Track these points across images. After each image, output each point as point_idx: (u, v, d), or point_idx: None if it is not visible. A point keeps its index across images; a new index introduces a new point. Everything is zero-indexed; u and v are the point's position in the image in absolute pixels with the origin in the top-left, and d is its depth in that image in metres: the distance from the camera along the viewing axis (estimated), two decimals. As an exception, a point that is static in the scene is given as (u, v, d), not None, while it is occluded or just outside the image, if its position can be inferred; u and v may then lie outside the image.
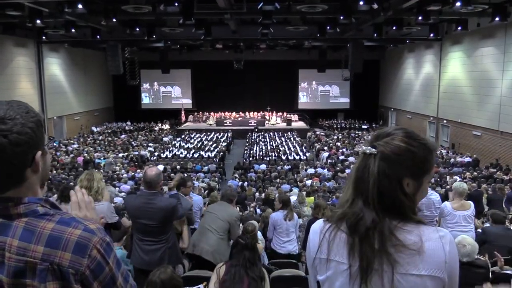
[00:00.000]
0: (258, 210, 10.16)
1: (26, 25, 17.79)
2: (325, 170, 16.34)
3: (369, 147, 1.24)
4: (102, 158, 18.73)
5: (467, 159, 17.65)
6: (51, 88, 23.77)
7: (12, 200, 1.15)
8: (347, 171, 15.95)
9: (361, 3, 14.78)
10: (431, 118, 23.30)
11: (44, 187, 1.31)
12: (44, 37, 21.09)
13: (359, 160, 1.27)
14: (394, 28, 18.16)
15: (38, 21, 15.23)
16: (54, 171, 15.28)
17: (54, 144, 21.37)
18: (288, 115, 30.13)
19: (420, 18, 14.88)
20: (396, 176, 1.20)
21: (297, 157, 19.89)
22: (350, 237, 1.21)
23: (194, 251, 4.46)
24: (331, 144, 22.31)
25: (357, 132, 27.64)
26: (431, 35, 20.23)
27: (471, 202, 5.52)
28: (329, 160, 18.63)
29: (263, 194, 12.11)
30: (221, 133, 26.17)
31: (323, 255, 1.27)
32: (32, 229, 1.14)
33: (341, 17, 15.73)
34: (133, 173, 15.68)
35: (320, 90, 33.56)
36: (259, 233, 6.14)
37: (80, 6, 14.31)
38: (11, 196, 1.15)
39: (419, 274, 1.15)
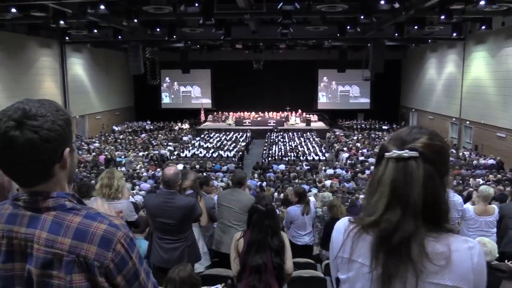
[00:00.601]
0: (277, 211, 10.13)
1: (50, 26, 18.17)
2: (344, 171, 16.22)
3: (406, 151, 1.16)
4: (122, 157, 18.98)
5: (491, 161, 17.26)
6: (74, 87, 24.23)
7: (41, 194, 1.20)
8: (367, 172, 15.80)
9: (382, 2, 14.59)
10: (454, 119, 22.88)
11: (72, 184, 1.34)
12: (67, 38, 21.49)
13: (392, 166, 1.17)
14: (416, 27, 17.87)
15: (62, 22, 15.53)
16: (76, 169, 15.54)
17: (77, 142, 21.75)
18: (308, 115, 30.00)
19: (442, 17, 14.61)
20: (440, 177, 1.16)
21: (316, 158, 19.79)
22: (376, 241, 1.16)
23: (220, 249, 4.49)
24: (350, 145, 22.13)
25: (377, 132, 27.33)
26: (454, 34, 19.85)
27: (495, 206, 5.39)
28: (348, 161, 18.49)
29: (281, 195, 12.10)
30: (240, 133, 26.24)
31: (345, 255, 1.24)
32: (60, 222, 1.19)
33: (362, 17, 15.57)
34: (153, 172, 15.85)
35: (340, 90, 33.32)
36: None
37: (102, 7, 14.53)
38: (40, 190, 1.20)
39: (444, 284, 1.11)
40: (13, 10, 14.03)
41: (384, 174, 1.18)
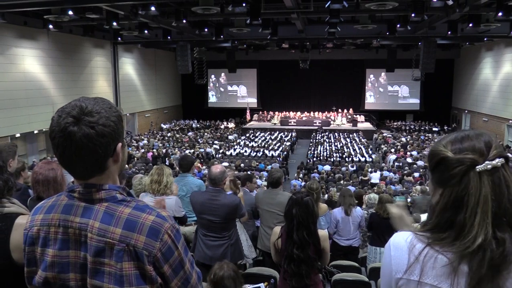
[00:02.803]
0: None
1: (104, 27, 18.91)
2: (391, 173, 15.81)
3: (496, 159, 1.06)
4: (170, 154, 19.43)
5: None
6: (125, 86, 25.13)
7: (95, 186, 1.28)
8: (416, 174, 15.33)
9: (434, -1, 14.11)
10: (510, 121, 21.73)
11: (123, 179, 1.40)
12: (119, 38, 22.28)
13: (487, 179, 1.06)
14: (470, 25, 17.06)
15: (114, 23, 16.11)
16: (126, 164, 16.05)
17: (127, 138, 22.52)
18: (354, 116, 29.48)
19: (500, 14, 13.86)
20: None
21: (363, 159, 19.41)
22: (456, 262, 1.05)
23: (266, 249, 4.50)
24: (398, 147, 21.54)
25: (427, 134, 26.44)
26: (512, 32, 18.85)
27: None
28: (396, 163, 18.00)
29: (326, 195, 11.95)
30: (285, 133, 26.18)
31: (413, 277, 1.11)
32: (112, 213, 1.26)
33: (413, 15, 15.07)
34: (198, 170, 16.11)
35: (388, 90, 32.50)
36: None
37: (153, 8, 14.97)
38: (94, 182, 1.28)
39: None
40: (70, 12, 14.71)
41: (481, 191, 1.06)
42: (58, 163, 1.29)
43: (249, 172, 14.87)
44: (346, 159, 19.45)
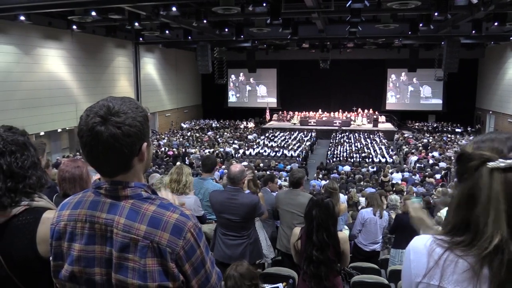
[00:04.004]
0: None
1: (126, 27, 19.18)
2: (412, 176, 15.59)
3: (503, 160, 1.03)
4: (190, 154, 19.58)
5: None
6: (146, 86, 25.45)
7: (121, 183, 1.31)
8: (437, 176, 15.09)
9: (458, -2, 13.86)
10: (537, 122, 21.21)
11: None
12: (141, 39, 22.57)
13: (501, 177, 1.03)
14: (495, 24, 16.70)
15: (136, 24, 16.32)
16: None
17: (152, 137, 22.75)
18: (375, 116, 29.16)
19: (526, 12, 13.58)
20: None
21: (383, 160, 19.19)
22: (477, 266, 1.03)
23: (286, 249, 4.50)
24: (420, 148, 21.22)
25: (449, 136, 25.98)
26: (539, 31, 18.39)
27: None
28: (417, 164, 17.74)
29: (346, 196, 11.86)
30: (305, 133, 26.09)
31: (433, 281, 1.10)
32: (137, 209, 1.28)
33: (436, 14, 14.84)
34: (218, 169, 16.19)
35: (410, 91, 32.04)
36: (342, 197, 6.05)
37: (174, 8, 15.12)
38: (120, 180, 1.31)
39: None
40: (93, 13, 14.97)
41: (492, 188, 1.04)
42: (85, 161, 1.33)
43: (268, 172, 14.88)
44: (366, 159, 19.27)
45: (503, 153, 1.04)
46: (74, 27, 17.55)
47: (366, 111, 29.92)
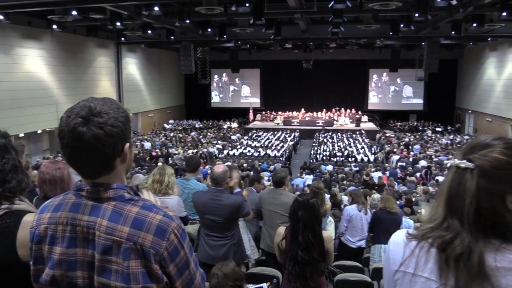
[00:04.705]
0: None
1: (107, 27, 18.96)
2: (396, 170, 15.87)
3: (464, 161, 1.11)
4: (173, 154, 19.47)
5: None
6: (128, 86, 25.21)
7: (103, 185, 1.29)
8: (418, 174, 15.33)
9: (438, -1, 14.08)
10: (514, 121, 21.69)
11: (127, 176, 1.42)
12: (123, 39, 22.34)
13: (451, 174, 1.14)
14: (474, 25, 17.02)
15: (118, 24, 16.14)
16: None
17: (134, 138, 22.55)
18: (357, 116, 29.45)
19: (504, 14, 13.81)
20: (498, 193, 1.07)
21: (366, 159, 19.39)
22: (442, 256, 1.10)
23: (269, 249, 4.51)
24: (401, 147, 21.51)
25: (430, 134, 26.39)
26: (516, 32, 18.79)
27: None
28: (399, 163, 17.98)
29: (328, 195, 11.94)
30: (288, 133, 26.18)
31: (409, 269, 1.17)
32: (120, 211, 1.27)
33: (416, 14, 15.05)
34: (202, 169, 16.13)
35: (391, 91, 32.45)
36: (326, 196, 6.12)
37: (156, 8, 15.00)
38: (102, 182, 1.29)
39: None
40: (74, 12, 14.76)
41: (444, 182, 1.16)
42: (66, 162, 1.32)
43: (252, 173, 14.90)
44: (349, 159, 19.44)
45: (467, 154, 1.12)
46: (54, 26, 17.25)
47: (348, 111, 30.19)
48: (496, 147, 1.10)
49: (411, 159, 18.36)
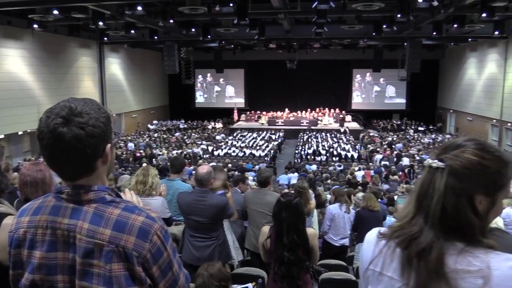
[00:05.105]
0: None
1: (90, 27, 18.74)
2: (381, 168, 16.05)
3: (435, 160, 1.14)
4: (157, 155, 19.32)
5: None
6: (111, 86, 24.93)
7: (84, 187, 1.27)
8: (400, 173, 15.51)
9: (420, 0, 14.25)
10: (494, 121, 22.08)
11: (111, 178, 1.40)
12: (105, 38, 22.10)
13: (424, 173, 1.17)
14: (455, 26, 17.32)
15: (101, 23, 15.96)
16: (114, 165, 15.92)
17: (114, 139, 22.33)
18: (341, 115, 29.66)
19: (484, 15, 14.08)
20: (466, 193, 1.10)
21: (349, 154, 19.58)
22: (405, 253, 1.13)
23: (254, 249, 4.51)
24: (385, 146, 21.75)
25: (412, 133, 26.73)
26: (496, 32, 19.12)
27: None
28: (383, 162, 18.16)
29: (313, 195, 11.99)
30: (273, 133, 26.23)
31: (377, 268, 1.21)
32: (101, 214, 1.25)
33: (399, 15, 15.24)
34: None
35: (375, 90, 32.77)
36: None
37: (139, 8, 14.89)
38: (82, 183, 1.27)
39: None
40: (55, 12, 14.54)
41: (416, 181, 1.20)
42: (46, 164, 1.29)
43: (237, 173, 14.88)
44: (333, 158, 19.57)
45: (434, 155, 1.17)
46: (35, 26, 16.97)
47: (332, 110, 30.38)
48: (467, 147, 1.13)
49: (395, 159, 18.56)
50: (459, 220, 1.10)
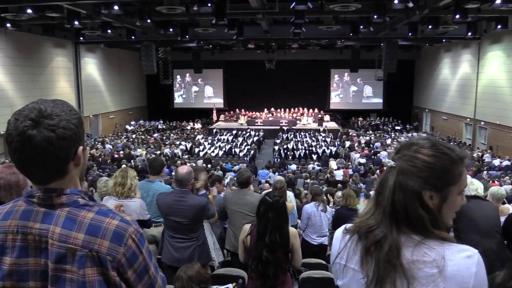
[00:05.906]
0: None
1: (65, 26, 18.37)
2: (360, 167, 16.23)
3: (390, 160, 1.23)
4: (135, 156, 19.11)
5: (506, 163, 17.02)
6: (88, 87, 24.50)
7: (56, 191, 1.23)
8: (378, 172, 15.72)
9: (395, 1, 14.48)
10: (468, 119, 22.61)
11: (84, 182, 1.36)
12: (81, 38, 21.69)
13: (384, 172, 1.26)
14: (430, 27, 17.67)
15: (76, 23, 15.69)
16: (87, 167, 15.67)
17: (91, 141, 21.98)
18: (320, 115, 29.89)
19: (457, 16, 14.40)
20: (413, 189, 1.16)
21: (328, 151, 19.78)
22: (363, 244, 1.21)
23: (234, 250, 4.49)
24: (363, 145, 22.01)
25: (389, 133, 27.11)
26: (469, 34, 19.58)
27: (509, 206, 5.31)
28: (361, 160, 18.38)
29: (293, 194, 12.04)
30: (252, 133, 26.24)
31: (342, 261, 1.28)
32: (74, 218, 1.22)
33: (375, 16, 15.47)
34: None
35: (352, 90, 33.14)
36: (289, 193, 6.21)
37: (116, 7, 14.69)
38: (54, 187, 1.23)
39: None
40: (29, 11, 14.24)
41: (377, 180, 1.29)
42: (16, 168, 1.25)
43: (215, 173, 14.85)
44: (313, 156, 19.72)
45: (393, 155, 1.25)
46: (8, 25, 16.53)
47: (311, 110, 30.58)
48: (417, 146, 1.21)
49: (373, 157, 18.79)
50: (408, 214, 1.17)
